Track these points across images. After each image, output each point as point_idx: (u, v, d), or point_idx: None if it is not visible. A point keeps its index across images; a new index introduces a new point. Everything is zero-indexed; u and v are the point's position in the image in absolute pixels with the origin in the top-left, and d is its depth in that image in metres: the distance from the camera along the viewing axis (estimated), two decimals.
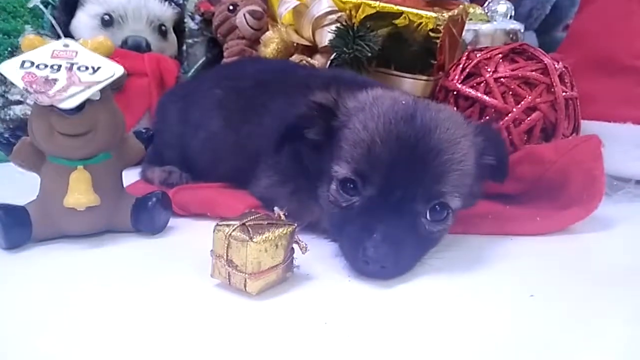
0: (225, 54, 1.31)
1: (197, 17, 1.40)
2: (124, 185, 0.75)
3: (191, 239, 0.71)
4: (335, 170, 0.63)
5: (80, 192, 0.67)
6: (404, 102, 0.65)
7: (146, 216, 0.72)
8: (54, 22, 0.70)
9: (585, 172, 0.77)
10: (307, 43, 1.01)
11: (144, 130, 0.77)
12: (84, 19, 1.14)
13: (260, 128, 0.81)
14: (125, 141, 0.74)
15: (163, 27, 1.20)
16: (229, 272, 0.54)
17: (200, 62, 1.39)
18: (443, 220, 0.63)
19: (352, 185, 0.62)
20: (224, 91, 0.90)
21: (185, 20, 1.35)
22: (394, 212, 0.59)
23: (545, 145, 0.82)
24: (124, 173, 0.74)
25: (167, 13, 1.21)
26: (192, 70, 1.39)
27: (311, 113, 0.68)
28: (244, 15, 1.26)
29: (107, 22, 1.13)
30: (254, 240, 0.53)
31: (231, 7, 1.29)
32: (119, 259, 0.66)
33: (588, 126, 0.95)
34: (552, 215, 0.77)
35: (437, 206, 0.61)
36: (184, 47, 1.35)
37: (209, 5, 1.36)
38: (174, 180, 0.91)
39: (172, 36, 1.25)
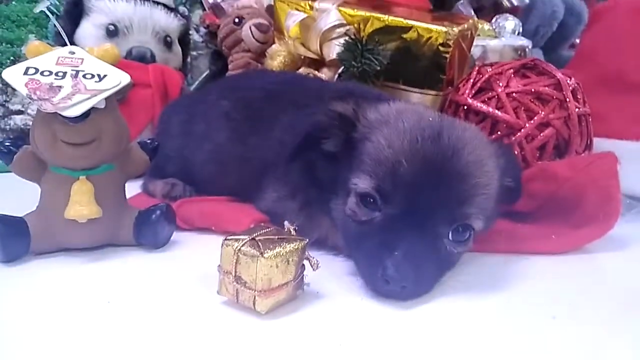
0: (230, 66, 1.30)
1: (202, 30, 1.39)
2: (127, 198, 0.73)
3: (195, 254, 0.69)
4: (355, 183, 0.61)
5: (81, 204, 0.65)
6: (430, 118, 0.63)
7: (149, 230, 0.70)
8: (59, 28, 0.69)
9: (601, 190, 0.75)
10: (314, 56, 1.00)
11: (148, 141, 0.75)
12: (88, 29, 1.13)
13: (269, 140, 0.79)
14: (129, 152, 0.72)
15: (168, 39, 1.19)
16: (237, 289, 0.52)
17: (205, 74, 1.38)
18: (465, 242, 0.61)
19: (372, 200, 0.60)
20: (231, 102, 0.88)
21: (190, 32, 1.34)
22: (415, 231, 0.57)
23: (558, 162, 0.81)
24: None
25: (173, 24, 1.20)
26: (197, 82, 1.37)
27: (330, 123, 0.65)
28: (250, 28, 1.25)
29: (112, 32, 1.12)
30: (264, 255, 0.50)
31: (237, 20, 1.28)
32: (120, 274, 0.63)
33: (599, 144, 0.94)
34: (567, 233, 0.75)
35: (460, 227, 0.59)
36: (189, 60, 1.34)
37: (215, 17, 1.35)
38: (177, 193, 0.89)
39: (177, 48, 1.24)
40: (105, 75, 0.66)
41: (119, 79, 0.66)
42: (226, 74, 1.30)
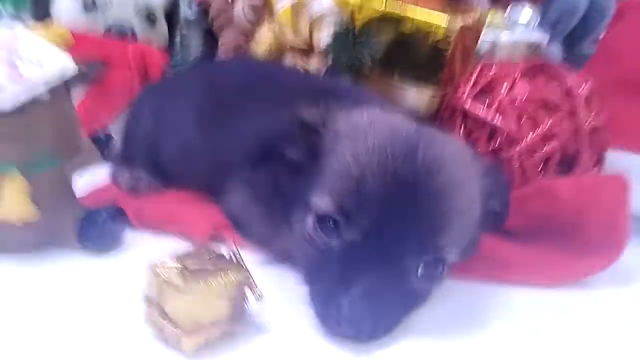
0: (220, 47, 1.21)
1: (195, 7, 1.30)
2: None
3: (144, 260, 0.62)
4: (315, 203, 0.53)
5: (14, 204, 0.58)
6: (406, 131, 0.54)
7: (95, 233, 0.63)
8: None
9: (607, 217, 0.66)
10: (302, 45, 0.91)
11: (102, 135, 0.68)
12: (65, 2, 1.05)
13: (236, 138, 0.71)
14: (76, 146, 0.64)
15: (152, 15, 1.10)
16: (161, 324, 0.45)
17: (195, 55, 1.29)
18: (436, 277, 0.52)
19: (332, 225, 0.51)
20: (202, 93, 0.80)
21: (182, 8, 1.25)
22: (379, 263, 0.48)
23: (561, 181, 0.72)
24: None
25: (157, 0, 1.11)
26: (186, 64, 1.29)
27: (293, 130, 0.58)
28: (243, 8, 1.16)
29: (90, 5, 1.04)
30: (191, 289, 0.43)
31: None
32: (53, 280, 0.57)
33: (613, 157, 0.84)
34: (563, 263, 0.66)
35: (431, 261, 0.51)
36: (178, 39, 1.25)
37: None
38: (142, 188, 0.82)
39: (162, 26, 1.15)
40: (47, 62, 0.58)
41: (63, 67, 0.58)
42: (217, 55, 1.21)
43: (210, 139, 0.76)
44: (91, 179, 0.81)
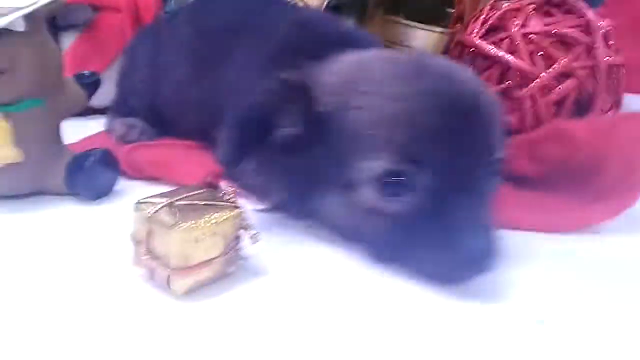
0: None
1: None
2: (74, 135, 0.64)
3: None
4: (365, 169, 0.47)
5: None
6: (403, 58, 0.51)
7: (83, 178, 0.60)
8: None
9: (624, 159, 0.62)
10: None
11: (87, 74, 0.64)
12: None
13: (222, 81, 0.67)
14: (60, 86, 0.61)
15: None
16: (150, 264, 0.42)
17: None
18: (497, 173, 0.50)
19: (398, 179, 0.46)
20: (193, 32, 0.75)
21: None
22: (464, 195, 0.45)
23: (577, 122, 0.67)
24: (87, 124, 0.62)
25: None
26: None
27: (278, 97, 0.51)
28: None
29: None
30: (179, 226, 0.40)
31: None
32: (41, 228, 0.55)
33: (632, 101, 0.79)
34: (578, 208, 0.63)
35: (493, 163, 0.49)
36: None
37: None
38: (134, 136, 0.79)
39: None
40: None
41: None
42: None
43: (200, 81, 0.71)
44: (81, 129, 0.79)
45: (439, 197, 0.45)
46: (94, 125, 0.87)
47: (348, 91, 0.49)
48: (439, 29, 0.84)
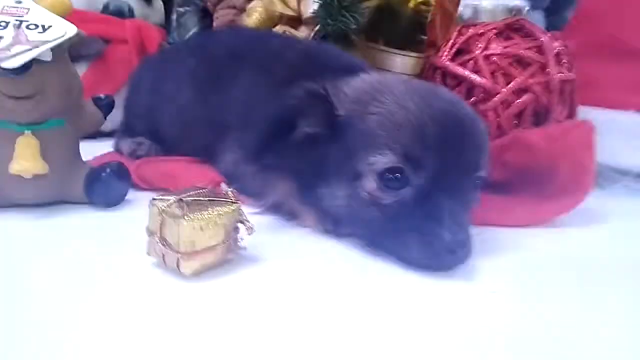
0: (215, 23, 1.25)
1: None
2: (86, 155, 0.71)
3: (146, 214, 0.67)
4: (374, 162, 0.55)
5: (26, 159, 0.63)
6: (410, 80, 0.65)
7: (100, 187, 0.68)
8: None
9: (575, 162, 0.71)
10: (291, 13, 0.95)
11: (103, 97, 0.73)
12: None
13: (228, 100, 0.76)
14: (80, 107, 0.70)
15: None
16: (163, 251, 0.50)
17: (191, 32, 1.34)
18: (477, 192, 0.60)
19: (398, 175, 0.55)
20: (197, 61, 0.85)
21: None
22: (449, 194, 0.54)
23: (535, 131, 0.76)
24: (98, 145, 0.70)
25: None
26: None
27: (305, 102, 0.60)
28: None
29: None
30: (187, 217, 0.48)
31: None
32: (65, 231, 0.62)
33: (588, 113, 0.88)
34: (536, 206, 0.71)
35: (477, 179, 0.58)
36: (174, 16, 1.30)
37: None
38: (143, 152, 0.88)
39: (158, 3, 1.20)
40: (50, 27, 0.63)
41: (64, 30, 0.63)
42: None
43: (205, 103, 0.81)
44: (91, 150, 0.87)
45: (428, 196, 0.54)
46: (102, 147, 0.95)
47: (368, 100, 0.59)
48: (414, 54, 0.93)
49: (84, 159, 0.74)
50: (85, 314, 0.44)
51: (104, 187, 0.68)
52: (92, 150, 0.89)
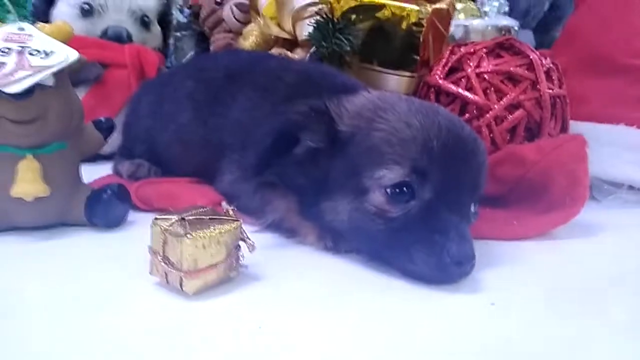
0: (211, 47, 1.28)
1: (186, 10, 1.37)
2: (85, 178, 0.72)
3: (147, 235, 0.67)
4: (381, 176, 0.56)
5: (27, 182, 0.64)
6: (411, 99, 0.64)
7: (101, 209, 0.69)
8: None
9: (569, 174, 0.72)
10: (287, 36, 0.98)
11: (103, 120, 0.74)
12: (63, 8, 1.12)
13: (226, 122, 0.78)
14: (82, 131, 0.71)
15: (146, 18, 1.17)
16: (165, 270, 0.51)
17: (189, 56, 1.36)
18: (477, 212, 0.61)
19: (405, 189, 0.56)
20: (194, 83, 0.86)
21: (174, 12, 1.32)
22: (455, 209, 0.56)
23: (527, 145, 0.78)
24: (96, 168, 0.71)
25: (150, 3, 1.18)
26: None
27: (307, 118, 0.62)
28: (231, 7, 1.23)
29: (87, 11, 1.11)
30: (189, 235, 0.49)
31: (218, 0, 1.26)
32: (67, 253, 0.62)
33: (579, 127, 0.90)
34: (531, 219, 0.72)
35: (477, 196, 0.60)
36: (172, 41, 1.32)
37: None
38: (142, 174, 0.88)
39: (156, 28, 1.22)
40: (52, 52, 0.64)
41: (66, 55, 0.65)
42: None
43: (203, 124, 0.82)
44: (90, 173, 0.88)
45: (434, 209, 0.55)
46: (100, 170, 0.96)
47: (372, 116, 0.60)
48: (407, 74, 0.95)
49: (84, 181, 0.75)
50: (90, 334, 0.44)
51: (105, 209, 0.69)
52: (91, 173, 0.90)
